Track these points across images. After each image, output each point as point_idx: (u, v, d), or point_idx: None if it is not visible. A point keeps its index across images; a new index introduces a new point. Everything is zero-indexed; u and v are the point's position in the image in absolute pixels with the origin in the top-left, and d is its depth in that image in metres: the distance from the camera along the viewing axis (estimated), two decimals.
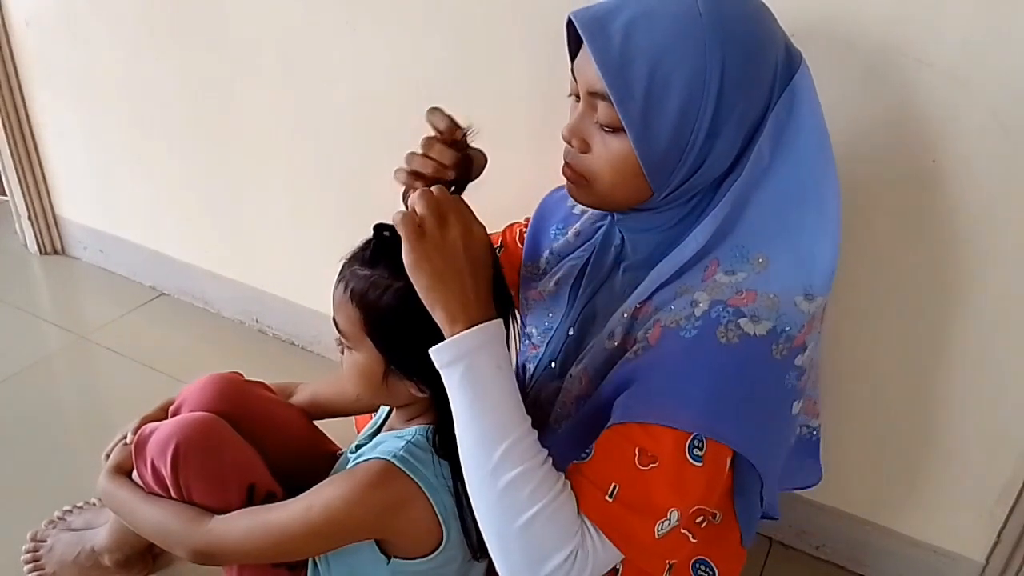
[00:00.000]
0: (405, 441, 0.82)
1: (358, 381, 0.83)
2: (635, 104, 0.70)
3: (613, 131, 0.74)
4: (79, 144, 1.83)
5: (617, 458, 0.73)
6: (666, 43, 0.69)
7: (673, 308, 0.75)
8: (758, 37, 0.72)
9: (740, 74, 0.71)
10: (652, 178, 0.74)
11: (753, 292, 0.73)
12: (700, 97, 0.70)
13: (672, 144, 0.72)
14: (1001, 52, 0.87)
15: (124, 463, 0.98)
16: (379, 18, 1.28)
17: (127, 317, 1.80)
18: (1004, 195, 0.94)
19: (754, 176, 0.75)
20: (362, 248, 0.81)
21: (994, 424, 1.06)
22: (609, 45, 0.70)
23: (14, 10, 1.73)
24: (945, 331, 1.03)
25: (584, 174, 0.78)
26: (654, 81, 0.70)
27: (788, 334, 0.72)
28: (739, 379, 0.72)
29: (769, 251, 0.75)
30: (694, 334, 0.72)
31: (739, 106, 0.72)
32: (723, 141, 0.73)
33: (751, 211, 0.76)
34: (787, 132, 0.75)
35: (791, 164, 0.75)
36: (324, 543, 0.85)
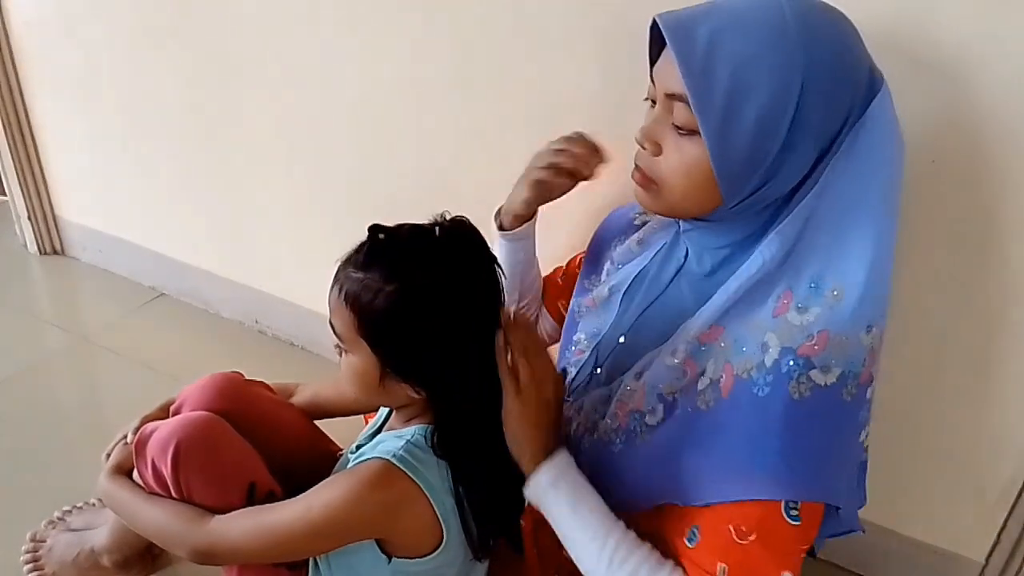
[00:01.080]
0: (404, 441, 0.82)
1: (355, 383, 0.83)
2: (714, 108, 0.70)
3: (688, 134, 0.74)
4: (79, 144, 1.83)
5: (716, 539, 0.74)
6: (751, 51, 0.70)
7: (745, 351, 0.75)
8: (843, 55, 0.72)
9: (822, 90, 0.71)
10: (724, 185, 0.74)
11: (824, 334, 0.72)
12: (780, 108, 0.70)
13: (747, 152, 0.72)
14: (1000, 52, 0.87)
15: (124, 463, 0.98)
16: (379, 18, 1.28)
17: (127, 318, 1.80)
18: (1003, 195, 0.94)
19: (822, 193, 0.74)
20: (356, 251, 0.80)
21: (994, 424, 1.06)
22: (694, 48, 0.70)
23: (14, 11, 1.73)
24: (944, 331, 1.03)
25: (655, 178, 0.78)
26: (735, 87, 0.70)
27: (855, 373, 0.72)
28: (816, 433, 0.72)
29: (843, 283, 0.73)
30: (767, 392, 0.72)
31: (817, 122, 0.72)
32: (797, 155, 0.73)
33: (819, 230, 0.75)
34: (859, 152, 0.74)
35: (860, 184, 0.74)
36: (324, 543, 0.85)
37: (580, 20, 1.10)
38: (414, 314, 0.76)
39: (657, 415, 0.81)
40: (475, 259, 0.81)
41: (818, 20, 0.72)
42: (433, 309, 0.76)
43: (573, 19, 1.11)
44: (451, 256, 0.78)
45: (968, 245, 0.98)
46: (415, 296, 0.76)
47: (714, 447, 0.75)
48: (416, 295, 0.76)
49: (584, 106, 1.15)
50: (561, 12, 1.11)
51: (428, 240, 0.79)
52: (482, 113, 1.26)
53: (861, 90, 0.74)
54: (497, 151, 1.28)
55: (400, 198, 1.40)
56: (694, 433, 0.77)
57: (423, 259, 0.77)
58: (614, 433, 0.85)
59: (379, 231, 0.79)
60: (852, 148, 0.74)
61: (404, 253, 0.78)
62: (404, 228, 0.80)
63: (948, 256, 0.99)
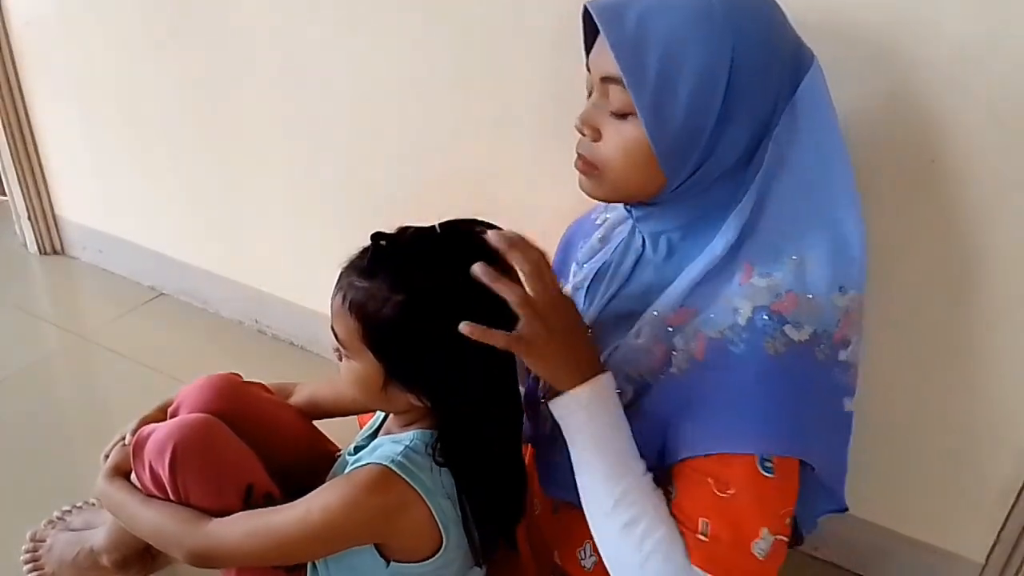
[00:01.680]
0: (403, 446, 0.82)
1: (356, 389, 0.83)
2: (647, 87, 0.72)
3: (625, 117, 0.76)
4: (79, 144, 1.83)
5: (697, 494, 0.75)
6: (679, 30, 0.72)
7: (714, 317, 0.76)
8: (769, 31, 0.75)
9: (751, 63, 0.73)
10: (664, 163, 0.76)
11: (793, 295, 0.74)
12: (711, 83, 0.72)
13: (683, 128, 0.74)
14: (1000, 52, 0.87)
15: (122, 464, 0.98)
16: (379, 18, 1.28)
17: (127, 317, 1.80)
18: (1003, 195, 0.94)
19: (772, 169, 0.76)
20: (359, 257, 0.80)
21: (994, 424, 1.06)
22: (624, 30, 0.73)
23: (14, 11, 1.73)
24: (944, 330, 1.03)
25: (596, 163, 0.80)
26: (666, 65, 0.72)
27: (828, 333, 0.74)
28: (792, 389, 0.74)
29: (802, 250, 0.76)
30: (743, 348, 0.74)
31: (750, 95, 0.74)
32: (734, 128, 0.74)
33: (773, 205, 0.77)
34: (801, 126, 0.76)
35: (807, 157, 0.77)
36: (322, 547, 0.85)
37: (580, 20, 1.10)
38: (420, 324, 0.76)
39: (627, 396, 0.81)
40: (478, 257, 0.80)
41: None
42: (439, 317, 0.76)
43: (573, 19, 1.11)
44: (455, 260, 0.77)
45: (968, 245, 0.98)
46: (421, 306, 0.76)
47: (690, 406, 0.76)
48: (421, 304, 0.76)
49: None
50: (561, 12, 1.11)
51: (431, 245, 0.78)
52: (483, 113, 1.26)
53: (789, 65, 0.76)
54: (498, 151, 1.28)
55: (400, 198, 1.40)
56: (669, 399, 0.78)
57: (427, 266, 0.76)
58: None
59: (381, 238, 0.78)
60: (793, 123, 0.76)
61: (408, 260, 0.77)
62: (407, 233, 0.79)
63: (947, 256, 0.99)
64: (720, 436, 0.74)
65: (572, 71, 1.14)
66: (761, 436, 0.73)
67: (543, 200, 1.26)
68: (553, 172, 1.23)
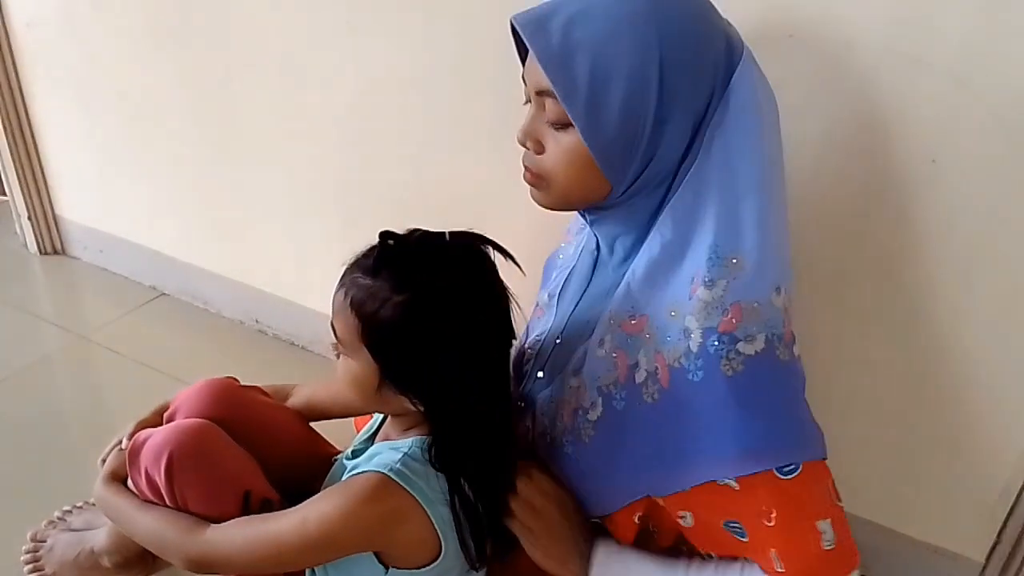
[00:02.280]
0: (401, 454, 0.82)
1: (351, 388, 0.83)
2: (579, 96, 0.72)
3: (563, 127, 0.76)
4: (79, 144, 1.83)
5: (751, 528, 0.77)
6: (605, 35, 0.71)
7: (670, 339, 0.76)
8: (697, 25, 0.74)
9: (681, 60, 0.72)
10: (606, 170, 0.76)
11: (737, 306, 0.73)
12: (643, 85, 0.72)
13: (620, 133, 0.73)
14: (1001, 52, 0.87)
15: (119, 469, 0.98)
16: (379, 18, 1.27)
17: (127, 317, 1.80)
18: (1004, 195, 0.93)
19: (705, 164, 0.76)
20: (365, 256, 0.80)
21: (994, 424, 1.05)
22: (549, 42, 0.72)
23: (14, 11, 1.72)
24: (945, 330, 1.03)
25: (541, 174, 0.80)
26: (596, 72, 0.71)
27: (778, 334, 0.74)
28: (768, 399, 0.73)
29: (740, 250, 0.75)
30: (701, 376, 0.73)
31: (684, 93, 0.73)
32: (672, 128, 0.74)
33: (707, 201, 0.76)
34: (731, 119, 0.76)
35: (736, 150, 0.76)
36: (320, 556, 0.85)
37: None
38: (419, 327, 0.76)
39: (597, 410, 0.82)
40: (483, 272, 0.80)
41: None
42: (438, 322, 0.76)
43: None
44: (459, 268, 0.78)
45: (967, 244, 0.98)
46: (421, 309, 0.76)
47: (676, 434, 0.76)
48: (422, 308, 0.76)
49: None
50: None
51: (437, 250, 0.78)
52: (483, 112, 1.26)
53: (721, 57, 0.76)
54: (498, 150, 1.28)
55: (401, 198, 1.40)
56: (648, 426, 0.78)
57: (431, 270, 0.77)
58: (563, 435, 0.86)
59: (389, 237, 0.78)
60: (724, 116, 0.75)
61: (413, 263, 0.77)
62: (414, 236, 0.79)
63: (947, 256, 0.99)
64: (708, 468, 0.74)
65: None
66: (762, 452, 0.73)
67: None
68: None
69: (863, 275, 1.04)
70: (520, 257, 1.26)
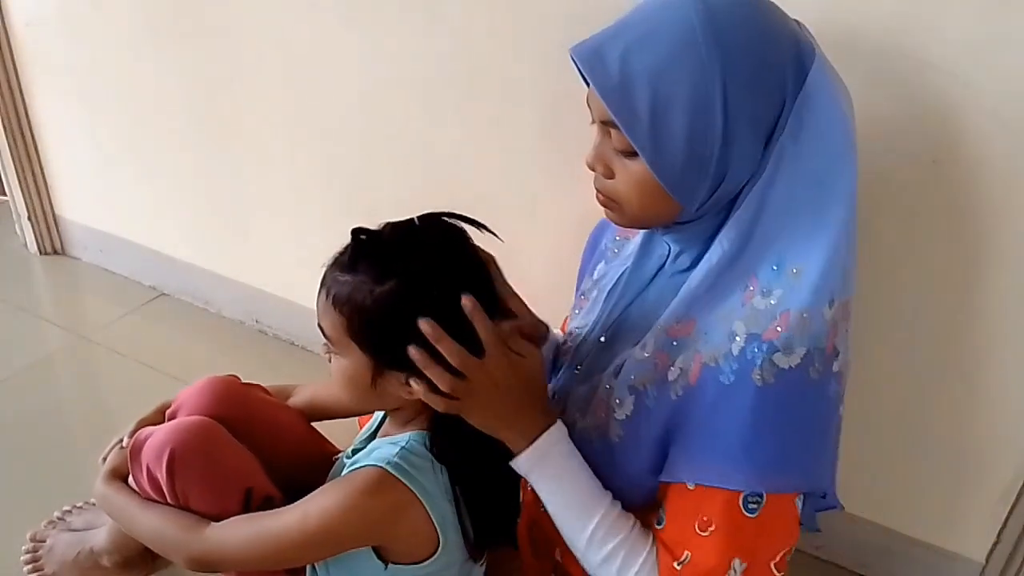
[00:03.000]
0: (400, 448, 0.82)
1: (346, 387, 0.83)
2: (642, 127, 0.71)
3: (630, 155, 0.75)
4: (79, 144, 1.83)
5: (682, 525, 0.77)
6: (663, 63, 0.70)
7: (713, 338, 0.75)
8: (761, 41, 0.72)
9: (745, 81, 0.71)
10: (677, 195, 0.75)
11: (787, 314, 0.73)
12: (706, 110, 0.70)
13: (688, 160, 0.72)
14: (1002, 53, 0.87)
15: (120, 467, 0.98)
16: (380, 18, 1.27)
17: (127, 317, 1.80)
18: (1005, 195, 0.93)
19: (773, 175, 0.74)
20: (341, 253, 0.80)
21: (995, 424, 1.06)
22: (608, 74, 0.72)
23: (14, 11, 1.72)
24: (946, 330, 1.03)
25: (613, 198, 0.79)
26: (657, 102, 0.70)
27: (819, 349, 0.73)
28: (783, 419, 0.73)
29: (802, 260, 0.74)
30: (732, 380, 0.73)
31: (749, 111, 0.72)
32: (740, 147, 0.73)
33: (774, 209, 0.75)
34: (804, 129, 0.74)
35: (809, 161, 0.74)
36: (320, 551, 0.85)
37: (581, 21, 1.10)
38: (405, 311, 0.76)
39: (626, 408, 0.81)
40: (458, 246, 0.81)
41: (727, 11, 0.71)
42: (422, 305, 0.76)
43: (575, 19, 1.11)
44: (435, 249, 0.78)
45: (968, 244, 0.98)
46: (405, 294, 0.76)
47: (682, 432, 0.76)
48: (406, 292, 0.76)
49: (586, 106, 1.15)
50: (562, 12, 1.11)
51: (411, 236, 0.79)
52: (484, 112, 1.26)
53: (789, 66, 0.74)
54: (498, 150, 1.28)
55: (401, 197, 1.39)
56: (665, 422, 0.78)
57: (408, 255, 0.77)
58: (593, 431, 0.85)
59: (361, 233, 0.79)
60: (797, 127, 0.74)
61: (389, 251, 0.78)
62: (385, 227, 0.80)
63: (948, 255, 0.99)
64: (705, 467, 0.74)
65: (574, 71, 1.14)
66: (747, 473, 0.73)
67: (544, 200, 1.26)
68: (554, 172, 1.23)
69: (864, 275, 1.04)
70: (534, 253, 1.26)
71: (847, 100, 0.77)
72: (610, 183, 0.79)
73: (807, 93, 0.74)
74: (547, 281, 1.31)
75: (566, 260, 1.16)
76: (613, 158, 0.77)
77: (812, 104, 0.74)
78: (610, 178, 0.79)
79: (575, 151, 1.11)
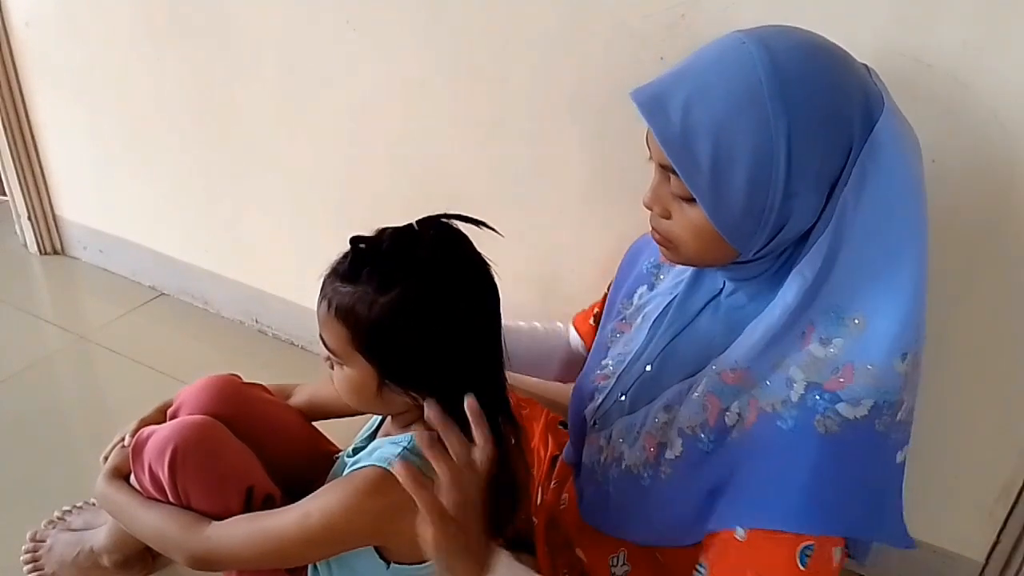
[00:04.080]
0: (402, 448, 0.82)
1: (351, 395, 0.83)
2: (703, 178, 0.70)
3: (688, 200, 0.73)
4: (79, 144, 1.83)
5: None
6: (727, 116, 0.69)
7: (770, 385, 0.74)
8: (828, 94, 0.70)
9: (810, 135, 0.69)
10: (734, 243, 0.74)
11: (850, 367, 0.71)
12: (769, 163, 0.69)
13: (747, 211, 0.71)
14: (1001, 52, 0.87)
15: (122, 466, 0.98)
16: (379, 18, 1.27)
17: (127, 317, 1.80)
18: (1004, 195, 0.93)
19: (839, 229, 0.72)
20: (340, 263, 0.79)
21: (994, 424, 1.06)
22: (669, 123, 0.70)
23: (14, 11, 1.72)
24: (945, 330, 1.03)
25: (670, 238, 0.78)
26: (719, 154, 0.69)
27: (889, 403, 0.71)
28: (843, 470, 0.71)
29: (864, 310, 0.72)
30: (791, 425, 0.72)
31: (813, 165, 0.70)
32: (802, 200, 0.71)
33: (839, 265, 0.73)
34: (870, 181, 0.71)
35: (877, 214, 0.72)
36: (322, 550, 0.85)
37: (581, 21, 1.10)
38: (409, 321, 0.75)
39: (675, 448, 0.80)
40: (459, 249, 0.80)
41: (794, 63, 0.69)
42: (428, 313, 0.76)
43: (574, 20, 1.11)
44: (436, 255, 0.78)
45: (968, 244, 0.98)
46: (408, 303, 0.75)
47: (736, 477, 0.75)
48: (409, 302, 0.75)
49: (586, 106, 1.15)
50: (562, 12, 1.11)
51: (411, 243, 0.78)
52: (483, 113, 1.26)
53: (856, 121, 0.71)
54: (498, 151, 1.28)
55: (401, 198, 1.40)
56: (717, 467, 0.76)
57: (410, 263, 0.76)
58: (643, 467, 0.84)
59: (360, 241, 0.78)
60: (863, 178, 0.71)
61: (390, 260, 0.76)
62: (384, 234, 0.79)
63: (948, 255, 0.99)
64: (762, 511, 0.72)
65: (573, 72, 1.15)
66: (803, 516, 0.71)
67: (544, 200, 1.26)
68: (554, 172, 1.23)
69: None
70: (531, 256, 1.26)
71: (915, 150, 0.74)
72: (666, 223, 0.78)
73: (872, 146, 0.71)
74: (544, 282, 1.32)
75: (563, 261, 1.16)
76: (671, 201, 0.76)
77: (877, 156, 0.71)
78: (667, 218, 0.78)
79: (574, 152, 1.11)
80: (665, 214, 0.77)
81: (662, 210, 0.77)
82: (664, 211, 0.77)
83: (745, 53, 0.69)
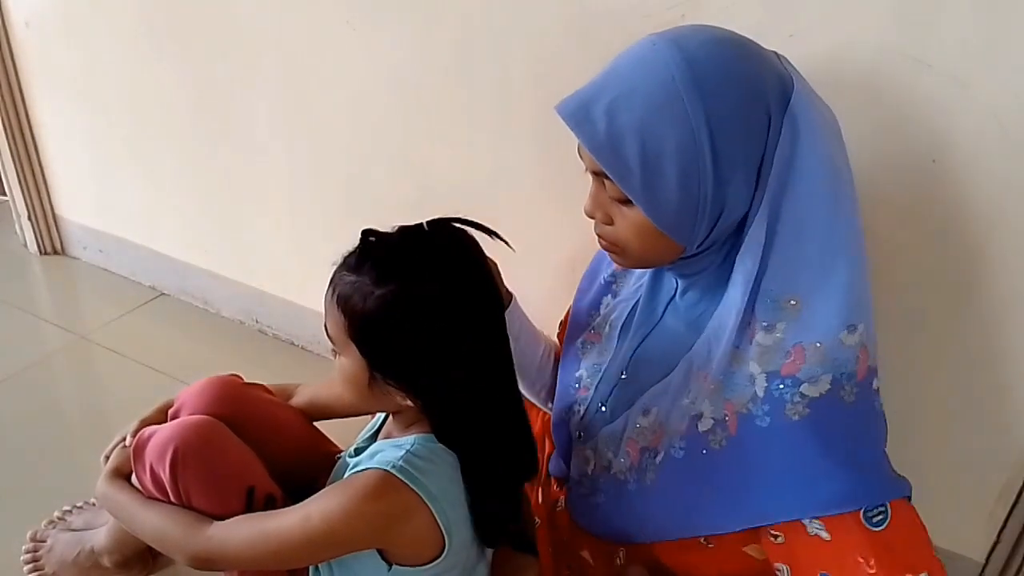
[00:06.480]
0: (404, 451, 0.81)
1: (346, 386, 0.83)
2: (635, 178, 0.72)
3: (625, 202, 0.76)
4: (79, 144, 1.83)
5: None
6: (648, 115, 0.71)
7: (736, 385, 0.76)
8: (740, 81, 0.73)
9: (729, 121, 0.71)
10: (675, 237, 0.76)
11: (799, 347, 0.73)
12: (695, 155, 0.71)
13: (682, 204, 0.73)
14: (1001, 52, 0.87)
15: (123, 466, 0.98)
16: (379, 18, 1.28)
17: (127, 317, 1.80)
18: (1004, 195, 0.93)
19: (772, 212, 0.74)
20: (350, 253, 0.81)
21: (994, 424, 1.06)
22: (595, 130, 0.73)
23: (14, 11, 1.73)
24: (945, 330, 1.03)
25: (615, 243, 0.80)
26: (647, 153, 0.71)
27: (848, 374, 0.72)
28: (831, 444, 0.73)
29: (799, 291, 0.74)
30: (768, 422, 0.74)
31: (738, 150, 0.73)
32: (735, 186, 0.74)
33: (775, 250, 0.75)
34: (792, 162, 0.74)
35: (803, 195, 0.74)
36: (323, 553, 0.84)
37: (582, 22, 1.10)
38: (403, 318, 0.76)
39: (660, 453, 0.82)
40: (465, 254, 0.81)
41: (703, 56, 0.72)
42: (421, 311, 0.76)
43: (574, 19, 1.11)
44: (440, 257, 0.79)
45: (968, 244, 0.98)
46: (404, 300, 0.76)
47: (743, 478, 0.76)
48: (405, 299, 0.76)
49: None
50: (563, 14, 1.11)
51: (418, 242, 0.79)
52: (483, 113, 1.26)
53: (772, 104, 0.74)
54: (498, 151, 1.28)
55: (401, 198, 1.40)
56: (714, 471, 0.77)
57: (413, 261, 0.77)
58: (628, 472, 0.86)
59: (370, 234, 0.79)
60: (785, 160, 0.74)
61: (395, 256, 0.78)
62: (395, 231, 0.80)
63: (947, 255, 0.99)
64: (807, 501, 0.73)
65: (572, 72, 1.14)
66: (848, 493, 0.72)
67: (544, 201, 1.26)
68: (553, 167, 1.23)
69: None
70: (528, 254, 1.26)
71: (832, 127, 0.77)
72: (610, 229, 0.80)
73: (789, 126, 0.74)
74: (541, 285, 1.31)
75: (563, 263, 1.16)
76: (610, 205, 0.78)
77: (795, 137, 0.74)
78: (609, 224, 0.80)
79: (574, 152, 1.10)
80: (607, 220, 0.79)
81: (604, 216, 0.80)
82: (606, 217, 0.79)
83: (657, 53, 0.72)
